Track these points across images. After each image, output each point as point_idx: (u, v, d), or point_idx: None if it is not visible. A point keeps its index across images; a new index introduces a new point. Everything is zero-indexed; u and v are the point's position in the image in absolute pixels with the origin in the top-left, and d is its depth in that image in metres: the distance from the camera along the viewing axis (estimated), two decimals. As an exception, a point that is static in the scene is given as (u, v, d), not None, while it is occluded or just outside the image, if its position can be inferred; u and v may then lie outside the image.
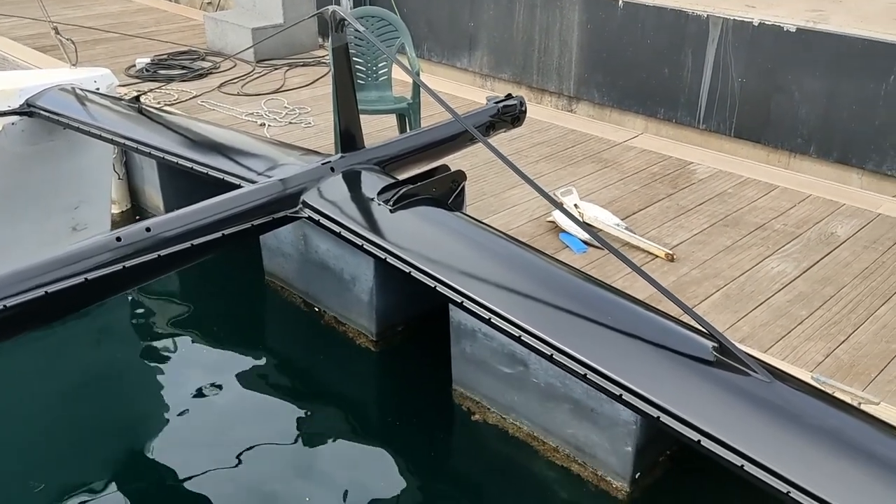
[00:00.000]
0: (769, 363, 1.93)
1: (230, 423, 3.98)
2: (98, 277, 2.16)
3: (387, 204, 2.53)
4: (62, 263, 2.13)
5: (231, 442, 3.78)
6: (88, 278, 2.15)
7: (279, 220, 2.59)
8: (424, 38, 6.79)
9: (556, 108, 6.07)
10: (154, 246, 2.28)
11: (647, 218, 4.17)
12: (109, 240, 2.22)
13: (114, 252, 2.21)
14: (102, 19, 8.08)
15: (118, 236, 2.23)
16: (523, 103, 3.37)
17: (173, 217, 2.37)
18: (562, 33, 5.86)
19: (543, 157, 5.00)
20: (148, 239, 2.28)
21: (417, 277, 2.31)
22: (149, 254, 2.26)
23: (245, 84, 6.21)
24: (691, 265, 3.70)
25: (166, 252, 2.30)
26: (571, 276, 2.32)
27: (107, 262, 2.19)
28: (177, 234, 2.34)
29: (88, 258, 2.17)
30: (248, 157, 3.05)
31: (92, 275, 2.15)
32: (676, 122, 5.41)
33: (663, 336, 2.04)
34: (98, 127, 3.50)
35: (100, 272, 2.17)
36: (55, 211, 4.48)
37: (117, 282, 2.22)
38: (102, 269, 2.17)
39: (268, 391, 4.18)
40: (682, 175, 4.72)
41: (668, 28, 5.29)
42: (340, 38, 2.68)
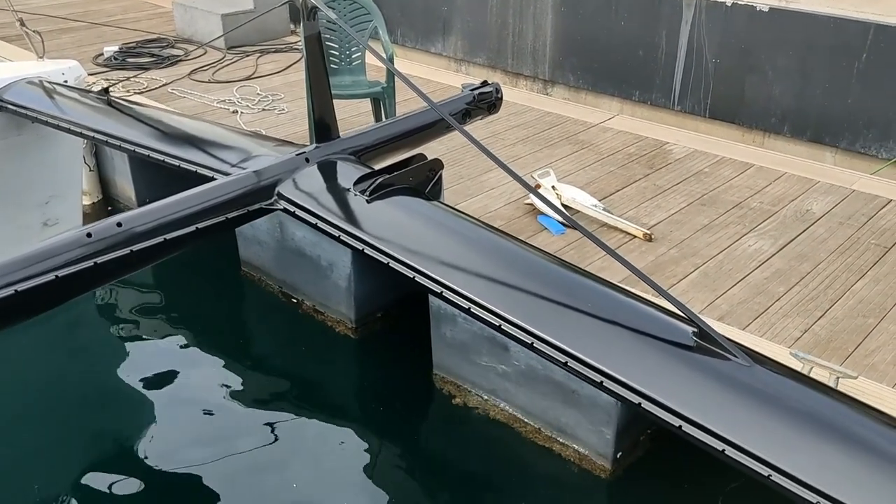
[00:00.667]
0: (748, 347, 1.94)
1: (209, 415, 3.94)
2: (69, 274, 2.12)
3: (363, 194, 2.51)
4: (32, 261, 2.08)
5: (211, 433, 3.75)
6: (59, 275, 2.10)
7: (254, 213, 2.56)
8: (398, 23, 6.72)
9: (532, 91, 6.05)
10: (126, 241, 2.24)
11: (624, 198, 4.18)
12: (80, 235, 2.18)
13: (85, 248, 2.17)
14: (69, 8, 7.92)
15: (89, 232, 2.19)
16: (499, 90, 3.35)
17: (145, 211, 2.33)
18: (536, 16, 5.83)
19: (520, 139, 4.99)
20: (119, 234, 2.24)
21: (395, 268, 2.30)
22: (121, 249, 2.22)
23: (216, 71, 6.12)
24: (669, 244, 3.72)
25: (139, 247, 2.26)
26: (550, 264, 2.31)
27: (78, 258, 2.15)
28: (149, 229, 2.30)
29: (59, 255, 2.12)
30: (221, 148, 3.00)
31: (63, 272, 2.11)
32: (652, 104, 5.41)
33: (643, 322, 2.04)
34: (67, 120, 3.43)
35: (71, 269, 2.12)
36: (25, 206, 4.40)
37: (89, 278, 2.18)
38: (73, 266, 2.13)
39: (247, 383, 4.15)
40: (659, 155, 4.74)
41: (642, 10, 5.28)
42: (312, 27, 2.64)
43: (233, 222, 2.52)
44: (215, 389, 4.11)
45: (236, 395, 4.06)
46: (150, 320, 4.68)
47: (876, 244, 3.73)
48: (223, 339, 4.45)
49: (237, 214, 2.51)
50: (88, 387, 4.19)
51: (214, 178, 2.75)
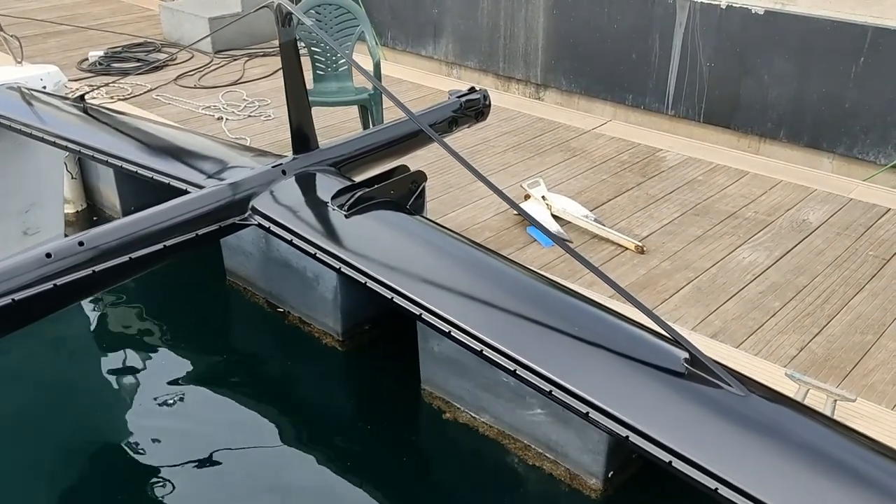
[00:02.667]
0: (742, 374, 1.84)
1: (193, 427, 3.85)
2: (26, 298, 2.02)
3: (341, 209, 2.41)
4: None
5: (195, 447, 3.66)
6: (16, 299, 2.00)
7: (226, 229, 2.45)
8: (388, 26, 6.62)
9: (524, 95, 5.95)
10: (88, 261, 2.14)
11: (616, 208, 4.08)
12: (38, 256, 2.07)
13: (43, 269, 2.06)
14: (56, 11, 7.82)
15: (48, 252, 2.08)
16: (487, 97, 3.25)
17: (109, 229, 2.22)
18: (528, 19, 5.73)
19: (511, 146, 4.88)
20: (81, 254, 2.13)
21: (373, 288, 2.20)
22: (82, 270, 2.12)
23: (202, 76, 6.02)
24: (661, 257, 3.62)
25: (102, 267, 2.16)
26: (537, 283, 2.21)
27: (35, 280, 2.04)
28: (113, 248, 2.19)
29: (15, 277, 2.02)
30: (198, 159, 2.90)
31: (19, 295, 2.01)
32: (645, 109, 5.31)
33: (632, 347, 1.94)
34: (41, 129, 3.33)
35: (28, 292, 2.02)
36: (4, 215, 4.30)
37: (48, 302, 2.08)
38: (31, 289, 2.03)
39: (232, 395, 4.05)
40: (652, 163, 4.64)
41: (635, 12, 5.18)
42: (288, 33, 2.54)
43: (203, 239, 2.41)
44: (199, 401, 4.03)
45: (220, 407, 3.96)
46: (132, 329, 4.58)
47: (874, 256, 3.63)
48: (208, 350, 4.36)
49: (208, 231, 2.41)
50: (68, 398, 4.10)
51: (188, 191, 2.65)
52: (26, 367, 4.19)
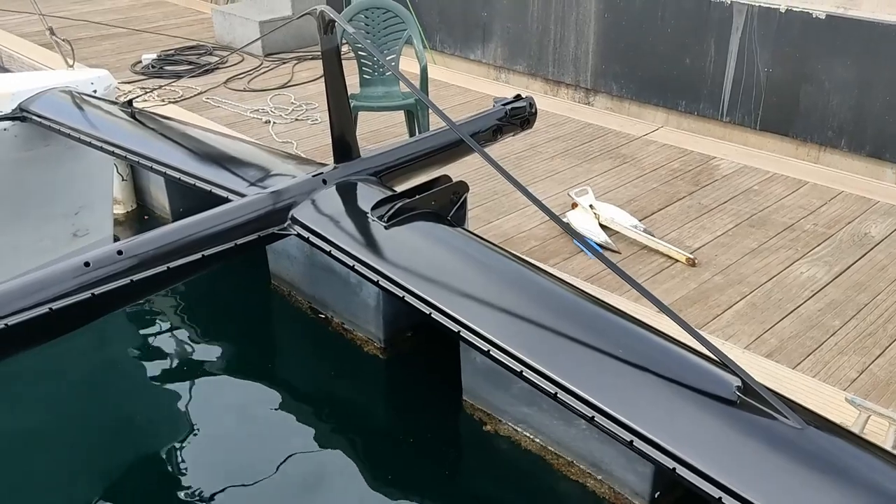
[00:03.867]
0: (800, 404, 1.72)
1: (235, 432, 3.86)
2: (64, 307, 2.00)
3: (381, 220, 2.35)
4: (24, 292, 1.97)
5: (236, 451, 3.67)
6: (53, 308, 1.99)
7: (265, 238, 2.42)
8: (436, 29, 6.57)
9: (573, 100, 5.83)
10: (127, 270, 2.12)
11: (666, 218, 3.95)
12: (77, 265, 2.06)
13: (82, 278, 2.05)
14: (111, 14, 7.97)
15: (87, 261, 2.07)
16: (533, 105, 3.16)
17: (148, 238, 2.21)
18: (578, 23, 5.62)
19: (559, 152, 4.78)
20: (120, 263, 2.12)
21: (411, 303, 2.14)
22: (121, 279, 2.10)
23: (252, 79, 6.05)
24: (714, 270, 3.48)
25: (140, 276, 2.14)
26: (581, 302, 2.12)
27: (74, 289, 2.03)
28: (152, 257, 2.17)
29: (53, 286, 2.01)
30: (240, 166, 2.89)
31: (57, 304, 2.00)
32: (698, 115, 5.16)
33: (681, 372, 1.84)
34: (88, 134, 3.35)
35: (66, 301, 2.01)
36: (54, 217, 4.35)
37: (86, 311, 2.06)
38: (69, 298, 2.01)
39: (274, 400, 4.04)
40: (705, 171, 4.49)
41: (690, 16, 5.03)
42: (330, 41, 2.50)
43: (242, 248, 2.38)
44: (240, 406, 4.04)
45: (262, 412, 3.96)
46: (177, 332, 4.61)
47: (942, 272, 3.45)
48: (250, 354, 4.37)
49: (247, 240, 2.38)
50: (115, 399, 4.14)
51: (229, 199, 2.63)
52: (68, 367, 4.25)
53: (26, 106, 3.71)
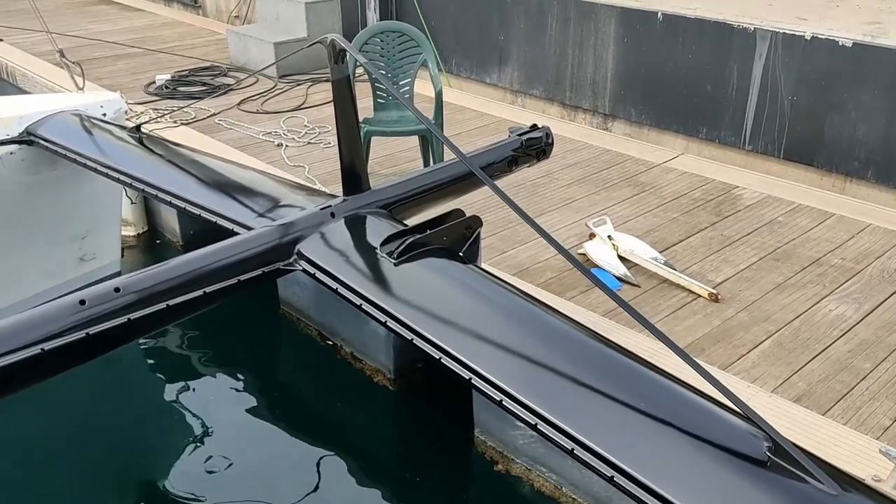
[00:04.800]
0: (835, 467, 1.59)
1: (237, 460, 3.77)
2: (57, 347, 1.91)
3: (390, 256, 2.25)
4: (15, 332, 1.87)
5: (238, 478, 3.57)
6: (46, 348, 1.89)
7: (270, 274, 2.32)
8: (453, 52, 6.50)
9: (591, 126, 5.73)
10: (124, 308, 2.02)
11: (688, 250, 3.82)
12: (72, 303, 1.97)
13: (77, 316, 1.95)
14: (127, 34, 7.97)
15: (82, 299, 1.98)
16: (550, 135, 3.05)
17: (147, 275, 2.11)
18: (597, 48, 5.53)
19: (576, 179, 4.67)
20: (117, 300, 2.02)
21: (420, 346, 2.03)
22: (118, 317, 2.01)
23: (265, 101, 5.99)
24: (738, 306, 3.35)
25: (138, 315, 2.04)
26: (600, 348, 2.00)
27: (67, 328, 1.93)
28: (150, 294, 2.08)
29: (46, 325, 1.91)
30: (247, 196, 2.80)
31: (50, 344, 1.90)
32: (720, 142, 5.04)
33: (706, 429, 1.71)
34: (94, 160, 3.28)
35: (59, 341, 1.91)
36: (61, 241, 4.28)
37: (80, 351, 1.97)
38: (62, 338, 1.92)
39: (279, 429, 3.95)
40: (727, 201, 4.36)
41: (712, 42, 4.92)
42: (341, 70, 2.41)
43: (246, 284, 2.28)
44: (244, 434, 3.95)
45: (266, 440, 3.87)
46: (185, 357, 4.53)
47: (978, 312, 3.29)
48: (257, 380, 4.29)
49: (251, 276, 2.28)
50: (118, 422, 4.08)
51: (234, 230, 2.54)
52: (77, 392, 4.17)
53: (33, 129, 3.65)
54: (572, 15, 5.60)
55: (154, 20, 8.66)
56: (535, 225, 2.02)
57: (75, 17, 8.69)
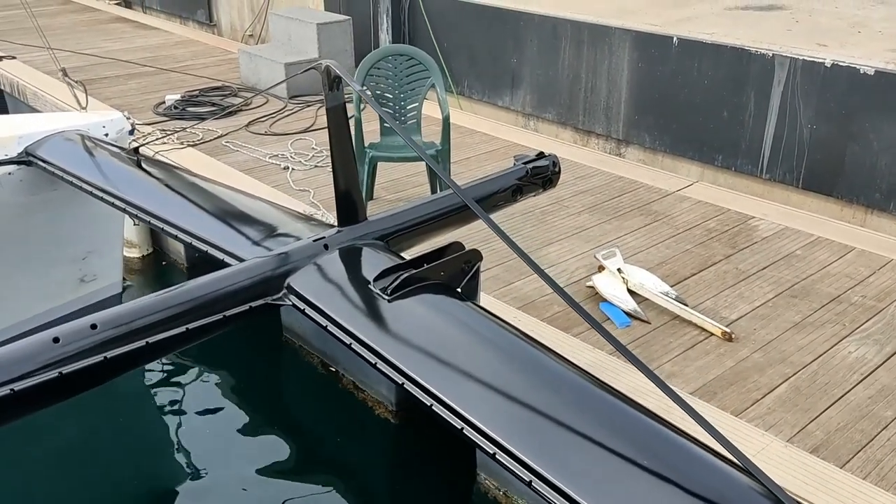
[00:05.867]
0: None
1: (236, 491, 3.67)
2: (27, 388, 1.80)
3: (384, 293, 2.13)
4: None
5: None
6: (15, 389, 1.79)
7: (258, 309, 2.21)
8: (465, 74, 6.42)
9: (604, 151, 5.61)
10: (100, 346, 1.91)
11: (701, 284, 3.68)
12: (45, 340, 1.86)
13: (49, 355, 1.85)
14: (141, 52, 7.96)
15: (56, 336, 1.87)
16: (557, 163, 2.93)
17: (126, 310, 2.00)
18: (610, 71, 5.42)
19: (587, 207, 4.55)
20: (93, 337, 1.91)
21: (410, 391, 1.91)
22: (93, 356, 1.90)
23: (274, 122, 5.93)
24: (753, 346, 3.20)
25: (115, 353, 1.93)
26: (603, 397, 1.87)
27: (39, 367, 1.83)
28: (129, 332, 1.97)
29: (16, 364, 1.81)
30: (241, 225, 2.70)
31: (20, 385, 1.79)
32: (736, 171, 4.90)
33: (707, 485, 1.59)
34: (90, 182, 3.20)
35: (29, 381, 1.80)
36: (61, 262, 4.21)
37: (52, 392, 1.86)
38: (32, 378, 1.81)
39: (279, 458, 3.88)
40: (743, 232, 4.21)
41: (728, 68, 4.80)
42: (336, 98, 2.31)
43: (232, 320, 2.17)
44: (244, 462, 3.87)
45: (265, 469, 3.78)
46: (185, 382, 4.46)
47: None
48: (258, 408, 4.22)
49: (238, 311, 2.16)
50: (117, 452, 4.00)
51: (224, 261, 2.45)
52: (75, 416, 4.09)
53: (32, 150, 3.58)
54: (586, 38, 5.51)
55: (168, 39, 8.66)
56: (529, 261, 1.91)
57: (90, 35, 8.70)
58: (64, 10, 10.18)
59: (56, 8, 10.25)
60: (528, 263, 1.93)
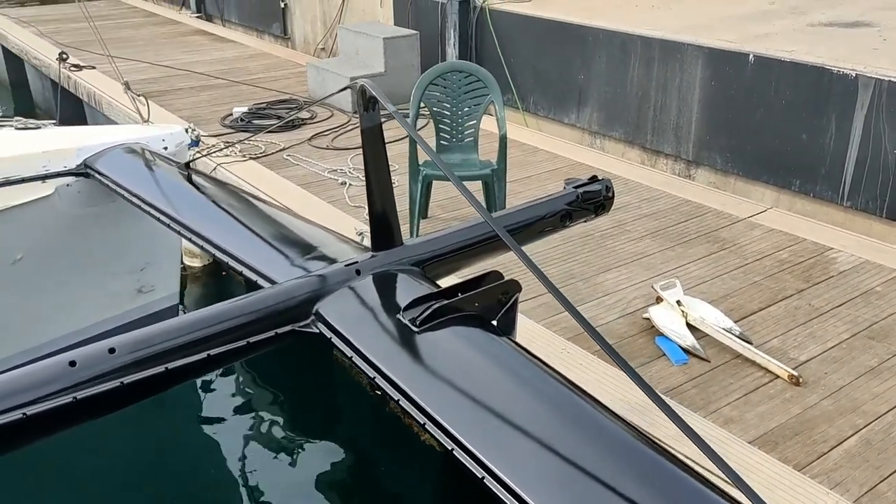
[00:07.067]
0: None
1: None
2: (40, 412, 1.76)
3: (413, 323, 2.02)
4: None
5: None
6: (28, 414, 1.75)
7: (283, 336, 2.12)
8: (530, 90, 6.28)
9: (672, 172, 5.38)
10: (117, 371, 1.86)
11: (768, 321, 3.44)
12: (61, 364, 1.82)
13: (64, 380, 1.80)
14: (215, 65, 8.12)
15: (72, 360, 1.83)
16: (610, 188, 2.77)
17: (146, 335, 1.95)
18: (681, 90, 5.20)
19: (649, 232, 4.34)
20: (110, 362, 1.87)
21: (431, 432, 1.79)
22: (109, 381, 1.85)
23: (336, 136, 5.92)
24: (823, 392, 2.95)
25: (132, 379, 1.88)
26: (646, 451, 1.71)
27: (53, 392, 1.78)
28: (148, 357, 1.91)
29: (31, 389, 1.77)
30: (280, 246, 2.64)
31: (33, 409, 1.75)
32: (814, 197, 4.60)
33: None
34: (139, 196, 3.21)
35: (43, 406, 1.76)
36: (118, 273, 4.26)
37: (66, 417, 1.81)
38: (46, 402, 1.77)
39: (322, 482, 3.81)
40: (818, 265, 3.93)
41: (808, 88, 4.52)
42: (372, 118, 2.23)
43: (256, 346, 2.09)
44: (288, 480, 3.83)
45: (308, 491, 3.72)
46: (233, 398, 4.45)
47: None
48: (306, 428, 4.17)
49: (262, 338, 2.09)
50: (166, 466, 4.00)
51: (257, 283, 2.39)
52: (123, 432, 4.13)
53: (91, 162, 3.63)
54: (656, 55, 5.30)
55: (243, 51, 8.82)
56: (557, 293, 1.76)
57: (168, 47, 8.94)
58: (147, 22, 10.52)
59: (140, 20, 10.61)
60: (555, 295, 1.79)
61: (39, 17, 10.12)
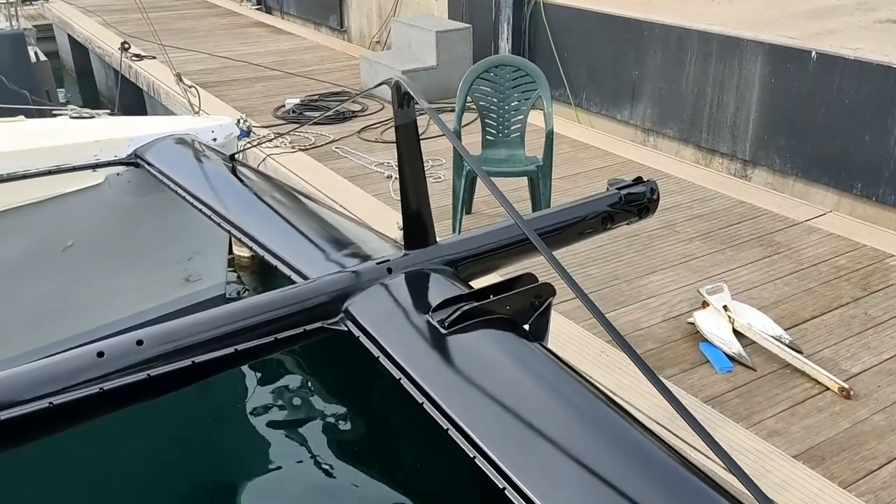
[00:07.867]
0: None
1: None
2: (66, 402, 1.78)
3: (441, 325, 1.98)
4: (23, 384, 1.77)
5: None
6: (54, 402, 1.77)
7: (311, 333, 2.11)
8: (583, 86, 6.17)
9: (728, 172, 5.21)
10: (144, 363, 1.88)
11: (821, 330, 3.30)
12: (89, 354, 1.84)
13: (91, 371, 1.82)
14: (272, 56, 8.20)
15: (100, 350, 1.85)
16: (655, 190, 2.68)
17: (174, 328, 1.96)
18: (739, 87, 5.03)
19: (699, 234, 4.21)
20: (138, 354, 1.88)
21: (454, 438, 1.75)
22: (136, 373, 1.86)
23: (385, 129, 5.91)
24: (874, 407, 2.81)
25: (159, 371, 1.89)
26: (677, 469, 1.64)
27: (80, 382, 1.81)
28: (176, 350, 1.92)
29: (58, 379, 1.79)
30: (315, 242, 2.64)
31: (59, 399, 1.78)
32: (877, 201, 4.40)
33: None
34: (184, 188, 3.25)
35: (69, 396, 1.79)
36: (166, 262, 4.34)
37: (91, 407, 1.83)
38: (72, 392, 1.79)
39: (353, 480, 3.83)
40: (878, 272, 3.76)
41: (873, 87, 4.32)
42: (406, 115, 2.21)
43: (284, 343, 2.09)
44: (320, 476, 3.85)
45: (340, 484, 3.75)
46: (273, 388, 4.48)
47: None
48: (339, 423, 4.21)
49: (290, 334, 2.08)
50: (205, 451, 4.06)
51: (290, 277, 2.39)
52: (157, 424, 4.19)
53: (141, 152, 3.69)
54: (714, 50, 5.14)
55: (300, 44, 8.89)
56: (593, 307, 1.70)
57: (227, 39, 9.07)
58: (207, 13, 10.70)
59: (200, 11, 10.79)
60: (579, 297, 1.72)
61: (104, 7, 10.38)
